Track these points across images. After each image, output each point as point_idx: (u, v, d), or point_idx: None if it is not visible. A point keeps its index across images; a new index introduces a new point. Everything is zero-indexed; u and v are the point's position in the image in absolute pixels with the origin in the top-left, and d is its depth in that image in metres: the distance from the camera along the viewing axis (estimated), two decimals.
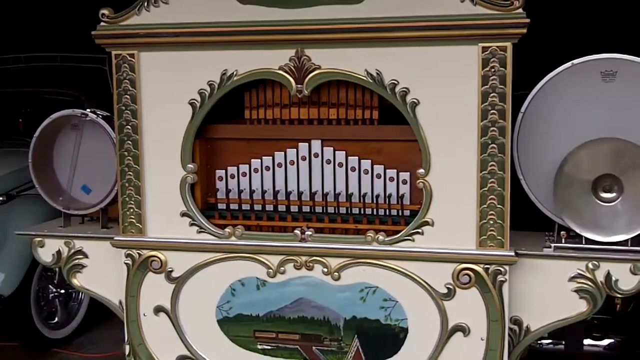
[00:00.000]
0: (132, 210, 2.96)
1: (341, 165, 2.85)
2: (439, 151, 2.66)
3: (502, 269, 2.67)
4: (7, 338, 4.74)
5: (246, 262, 2.88)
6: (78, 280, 3.20)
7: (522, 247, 2.71)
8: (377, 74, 2.66)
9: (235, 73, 2.78)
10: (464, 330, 2.74)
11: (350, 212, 2.87)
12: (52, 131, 3.20)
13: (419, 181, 2.69)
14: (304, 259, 2.83)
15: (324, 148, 2.86)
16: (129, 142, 2.92)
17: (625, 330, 3.94)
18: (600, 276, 2.66)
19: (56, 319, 4.93)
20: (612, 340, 3.94)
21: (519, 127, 2.73)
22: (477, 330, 2.73)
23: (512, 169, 2.69)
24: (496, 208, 2.63)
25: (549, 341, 3.85)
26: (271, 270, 2.86)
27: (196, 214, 2.91)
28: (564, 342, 3.86)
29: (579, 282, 2.68)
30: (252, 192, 2.93)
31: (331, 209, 2.88)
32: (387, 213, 2.82)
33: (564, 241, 2.71)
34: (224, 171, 2.98)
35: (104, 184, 3.12)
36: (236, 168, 2.96)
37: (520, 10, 2.51)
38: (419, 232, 2.71)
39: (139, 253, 2.97)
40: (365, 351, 2.85)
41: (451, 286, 2.72)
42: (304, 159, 2.88)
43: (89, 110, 3.18)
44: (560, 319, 2.74)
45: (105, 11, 2.85)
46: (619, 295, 2.71)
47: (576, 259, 2.68)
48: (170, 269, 2.96)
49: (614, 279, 2.65)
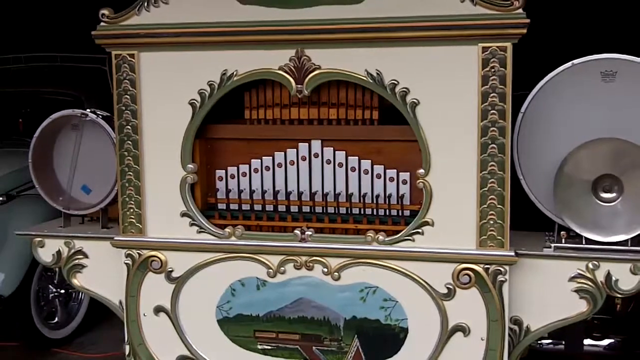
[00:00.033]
0: (132, 210, 2.96)
1: (341, 165, 2.85)
2: (439, 151, 2.66)
3: (502, 269, 2.67)
4: (7, 338, 4.74)
5: (246, 262, 2.88)
6: (78, 280, 3.20)
7: (522, 247, 2.71)
8: (377, 74, 2.66)
9: (235, 73, 2.78)
10: (464, 330, 2.74)
11: (350, 212, 2.87)
12: (52, 131, 3.20)
13: (419, 181, 2.69)
14: (304, 259, 2.83)
15: (324, 148, 2.86)
16: (129, 142, 2.92)
17: (625, 330, 3.94)
18: (601, 276, 2.66)
19: (56, 319, 4.93)
20: (612, 340, 3.93)
21: (519, 127, 2.73)
22: (477, 330, 2.73)
23: (512, 169, 2.69)
24: (496, 208, 2.63)
25: (549, 341, 3.85)
26: (271, 270, 2.86)
27: (196, 214, 2.91)
28: (564, 342, 3.86)
29: (579, 282, 2.68)
30: (252, 192, 2.93)
31: (331, 209, 2.88)
32: (387, 213, 2.82)
33: (564, 241, 2.71)
34: (224, 171, 2.98)
35: (104, 184, 3.12)
36: (236, 168, 2.96)
37: (520, 11, 2.51)
38: (419, 232, 2.71)
39: (139, 253, 2.97)
40: (366, 351, 2.85)
41: (451, 286, 2.72)
42: (304, 159, 2.88)
43: (89, 110, 3.18)
44: (560, 319, 2.74)
45: (105, 11, 2.85)
46: (619, 295, 2.71)
47: (576, 259, 2.68)
48: (171, 269, 2.96)
49: (614, 279, 2.65)
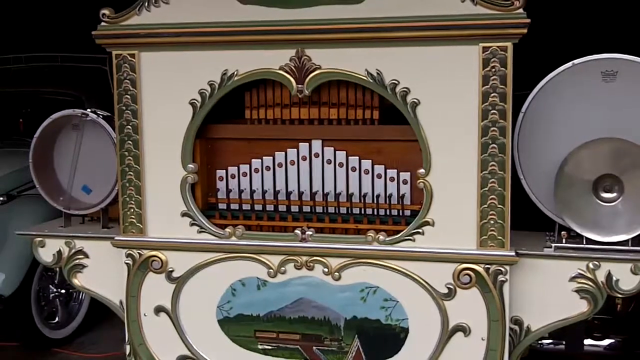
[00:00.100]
0: (132, 210, 2.96)
1: (342, 165, 2.85)
2: (439, 151, 2.66)
3: (503, 269, 2.67)
4: (8, 338, 4.74)
5: (247, 262, 2.88)
6: (79, 280, 3.20)
7: (522, 247, 2.71)
8: (378, 74, 2.66)
9: (235, 73, 2.78)
10: (464, 330, 2.74)
11: (350, 212, 2.87)
12: (52, 131, 3.20)
13: (419, 181, 2.69)
14: (305, 259, 2.83)
15: (325, 148, 2.86)
16: (130, 142, 2.92)
17: (625, 330, 3.94)
18: (601, 276, 2.66)
19: (57, 319, 4.93)
20: (612, 341, 3.93)
21: (519, 127, 2.73)
22: (478, 330, 2.73)
23: (513, 169, 2.69)
24: (497, 208, 2.63)
25: (550, 341, 3.85)
26: (272, 270, 2.86)
27: (197, 214, 2.91)
28: (564, 342, 3.86)
29: (579, 282, 2.68)
30: (253, 192, 2.93)
31: (332, 209, 2.88)
32: (388, 213, 2.82)
33: (564, 241, 2.71)
34: (224, 171, 2.98)
35: (105, 184, 3.12)
36: (237, 168, 2.96)
37: (521, 10, 2.50)
38: (419, 232, 2.71)
39: (139, 253, 2.97)
40: (366, 351, 2.85)
41: (452, 286, 2.72)
42: (305, 159, 2.88)
43: (89, 110, 3.18)
44: (560, 319, 2.74)
45: (106, 11, 2.85)
46: (620, 295, 2.71)
47: (577, 259, 2.68)
48: (171, 269, 2.96)
49: (614, 279, 2.65)
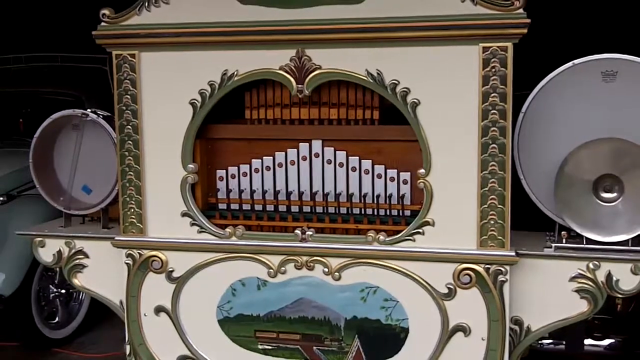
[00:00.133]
0: (132, 210, 2.96)
1: (342, 165, 2.85)
2: (439, 151, 2.66)
3: (503, 269, 2.66)
4: (8, 338, 4.74)
5: (247, 262, 2.88)
6: (79, 280, 3.20)
7: (522, 247, 2.71)
8: (378, 74, 2.66)
9: (235, 73, 2.78)
10: (464, 330, 2.74)
11: (350, 212, 2.87)
12: (52, 131, 3.20)
13: (419, 181, 2.69)
14: (305, 259, 2.83)
15: (325, 148, 2.86)
16: (130, 142, 2.92)
17: (626, 330, 3.94)
18: (601, 276, 2.66)
19: (57, 318, 4.93)
20: (612, 341, 3.93)
21: (519, 127, 2.73)
22: (478, 330, 2.73)
23: (513, 169, 2.69)
24: (497, 208, 2.63)
25: (550, 341, 3.85)
26: (272, 270, 2.86)
27: (197, 214, 2.91)
28: (564, 342, 3.86)
29: (579, 282, 2.68)
30: (253, 192, 2.93)
31: (332, 209, 2.88)
32: (388, 213, 2.82)
33: (564, 241, 2.71)
34: (224, 171, 2.98)
35: (105, 184, 3.12)
36: (237, 168, 2.96)
37: (521, 11, 2.50)
38: (419, 232, 2.71)
39: (139, 253, 2.97)
40: (366, 351, 2.85)
41: (452, 286, 2.72)
42: (305, 159, 2.88)
43: (89, 110, 3.18)
44: (561, 319, 2.74)
45: (106, 11, 2.85)
46: (620, 295, 2.71)
47: (577, 259, 2.68)
48: (171, 269, 2.96)
49: (614, 279, 2.65)
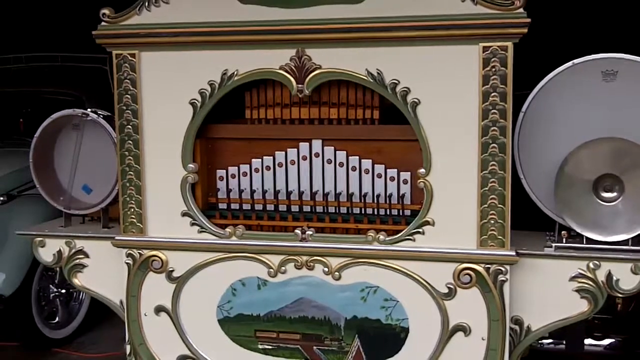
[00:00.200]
0: (132, 210, 2.96)
1: (342, 165, 2.85)
2: (439, 151, 2.66)
3: (503, 269, 2.66)
4: (8, 338, 4.74)
5: (247, 261, 2.88)
6: (79, 280, 3.20)
7: (523, 247, 2.71)
8: (378, 73, 2.66)
9: (235, 73, 2.78)
10: (464, 330, 2.74)
11: (351, 211, 2.87)
12: (53, 131, 3.20)
13: (419, 181, 2.69)
14: (305, 258, 2.83)
15: (325, 148, 2.86)
16: (130, 141, 2.92)
17: (626, 329, 3.94)
18: (601, 276, 2.66)
19: (57, 318, 4.92)
20: (613, 340, 3.93)
21: (519, 126, 2.73)
22: (478, 330, 2.73)
23: (513, 168, 2.69)
24: (497, 208, 2.63)
25: (550, 341, 3.85)
26: (272, 270, 2.86)
27: (197, 213, 2.91)
28: (565, 342, 3.86)
29: (579, 282, 2.68)
30: (253, 191, 2.93)
31: (332, 209, 2.88)
32: (388, 213, 2.82)
33: (564, 241, 2.71)
34: (224, 171, 2.98)
35: (105, 184, 3.12)
36: (237, 168, 2.96)
37: (521, 10, 2.50)
38: (419, 232, 2.71)
39: (139, 253, 2.97)
40: (366, 351, 2.85)
41: (452, 286, 2.72)
42: (305, 158, 2.88)
43: (89, 110, 3.18)
44: (561, 319, 2.74)
45: (106, 11, 2.85)
46: (620, 295, 2.71)
47: (577, 259, 2.68)
48: (171, 269, 2.96)
49: (614, 278, 2.65)
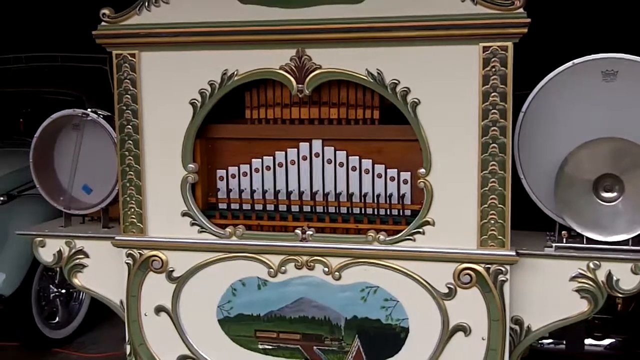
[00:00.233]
0: (133, 210, 2.96)
1: (342, 164, 2.85)
2: (439, 151, 2.66)
3: (503, 269, 2.66)
4: (8, 338, 4.74)
5: (247, 261, 2.88)
6: (79, 280, 3.20)
7: (523, 247, 2.71)
8: (378, 73, 2.66)
9: (236, 73, 2.78)
10: (465, 329, 2.74)
11: (351, 211, 2.87)
12: (53, 131, 3.20)
13: (419, 181, 2.69)
14: (305, 258, 2.83)
15: (325, 148, 2.86)
16: (130, 141, 2.92)
17: (626, 329, 3.94)
18: (602, 276, 2.66)
19: (57, 318, 4.92)
20: (613, 340, 3.93)
21: (519, 126, 2.73)
22: (478, 330, 2.73)
23: (513, 168, 2.69)
24: (497, 208, 2.63)
25: (550, 341, 3.85)
26: (272, 270, 2.86)
27: (197, 213, 2.91)
28: (565, 342, 3.86)
29: (580, 282, 2.68)
30: (253, 191, 2.93)
31: (332, 209, 2.88)
32: (388, 213, 2.82)
33: (565, 241, 2.71)
34: (224, 171, 2.98)
35: (105, 184, 3.12)
36: (237, 168, 2.96)
37: (521, 10, 2.50)
38: (420, 232, 2.71)
39: (140, 253, 2.97)
40: (366, 351, 2.85)
41: (452, 286, 2.72)
42: (305, 158, 2.88)
43: (89, 110, 3.18)
44: (561, 319, 2.74)
45: (106, 11, 2.85)
46: (620, 295, 2.71)
47: (577, 259, 2.68)
48: (171, 269, 2.96)
49: (615, 278, 2.65)
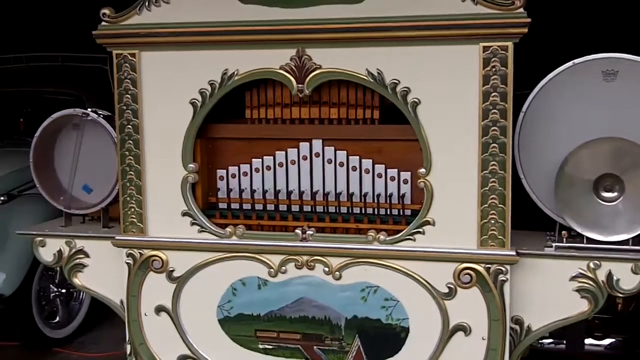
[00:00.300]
0: (133, 209, 2.96)
1: (342, 164, 2.85)
2: (440, 151, 2.66)
3: (503, 269, 2.66)
4: (8, 337, 4.74)
5: (247, 261, 2.88)
6: (79, 280, 3.20)
7: (523, 247, 2.71)
8: (378, 73, 2.66)
9: (236, 72, 2.78)
10: (465, 329, 2.74)
11: (351, 211, 2.87)
12: (53, 131, 3.20)
13: (420, 181, 2.69)
14: (305, 258, 2.83)
15: (325, 147, 2.86)
16: (130, 141, 2.92)
17: (626, 329, 3.94)
18: (602, 276, 2.66)
19: (57, 318, 4.93)
20: (613, 340, 3.93)
21: (520, 126, 2.73)
22: (478, 329, 2.73)
23: (513, 168, 2.69)
24: (497, 207, 2.63)
25: (550, 341, 3.85)
26: (272, 270, 2.86)
27: (197, 213, 2.91)
28: (565, 342, 3.86)
29: (580, 282, 2.68)
30: (253, 191, 2.93)
31: (332, 209, 2.88)
32: (388, 212, 2.82)
33: (565, 241, 2.71)
34: (225, 171, 2.98)
35: (105, 184, 3.12)
36: (237, 167, 2.96)
37: (521, 10, 2.50)
38: (420, 232, 2.71)
39: (140, 252, 2.97)
40: (367, 350, 2.85)
41: (452, 286, 2.72)
42: (305, 158, 2.88)
43: (90, 109, 3.18)
44: (561, 319, 2.74)
45: (106, 11, 2.85)
46: (620, 295, 2.71)
47: (577, 259, 2.68)
48: (172, 269, 2.96)
49: (615, 278, 2.65)
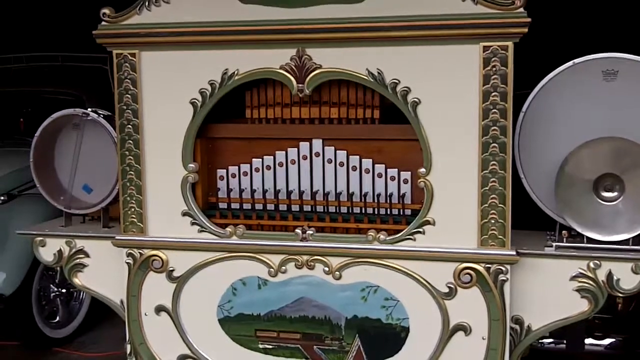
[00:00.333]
0: (133, 209, 2.96)
1: (342, 164, 2.85)
2: (440, 150, 2.66)
3: (504, 268, 2.66)
4: (9, 337, 4.74)
5: (247, 261, 2.88)
6: (79, 280, 3.20)
7: (523, 247, 2.71)
8: (378, 73, 2.66)
9: (236, 72, 2.78)
10: (465, 329, 2.74)
11: (351, 211, 2.87)
12: (53, 131, 3.20)
13: (420, 180, 2.69)
14: (305, 258, 2.83)
15: (325, 147, 2.86)
16: (130, 141, 2.92)
17: (626, 329, 3.94)
18: (602, 275, 2.66)
19: (57, 318, 4.93)
20: (613, 340, 3.93)
21: (520, 126, 2.73)
22: (479, 329, 2.73)
23: (514, 168, 2.69)
24: (497, 207, 2.63)
25: (550, 340, 3.85)
26: (272, 270, 2.86)
27: (197, 213, 2.91)
28: (565, 342, 3.86)
29: (580, 282, 2.68)
30: (253, 191, 2.93)
31: (332, 208, 2.88)
32: (388, 212, 2.82)
33: (565, 240, 2.71)
34: (225, 170, 2.98)
35: (105, 184, 3.12)
36: (237, 167, 2.96)
37: (522, 10, 2.50)
38: (420, 232, 2.71)
39: (140, 252, 2.97)
40: (367, 350, 2.85)
41: (452, 285, 2.72)
42: (305, 158, 2.88)
43: (90, 109, 3.18)
44: (561, 318, 2.74)
45: (107, 10, 2.85)
46: (621, 295, 2.71)
47: (577, 258, 2.68)
48: (172, 269, 2.96)
49: (615, 278, 2.65)
